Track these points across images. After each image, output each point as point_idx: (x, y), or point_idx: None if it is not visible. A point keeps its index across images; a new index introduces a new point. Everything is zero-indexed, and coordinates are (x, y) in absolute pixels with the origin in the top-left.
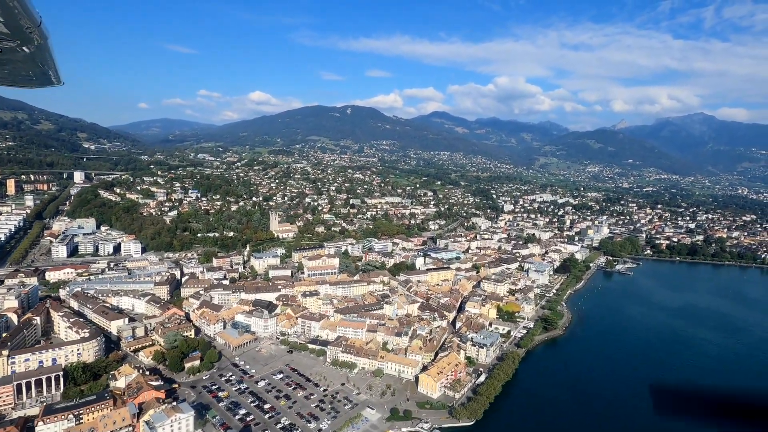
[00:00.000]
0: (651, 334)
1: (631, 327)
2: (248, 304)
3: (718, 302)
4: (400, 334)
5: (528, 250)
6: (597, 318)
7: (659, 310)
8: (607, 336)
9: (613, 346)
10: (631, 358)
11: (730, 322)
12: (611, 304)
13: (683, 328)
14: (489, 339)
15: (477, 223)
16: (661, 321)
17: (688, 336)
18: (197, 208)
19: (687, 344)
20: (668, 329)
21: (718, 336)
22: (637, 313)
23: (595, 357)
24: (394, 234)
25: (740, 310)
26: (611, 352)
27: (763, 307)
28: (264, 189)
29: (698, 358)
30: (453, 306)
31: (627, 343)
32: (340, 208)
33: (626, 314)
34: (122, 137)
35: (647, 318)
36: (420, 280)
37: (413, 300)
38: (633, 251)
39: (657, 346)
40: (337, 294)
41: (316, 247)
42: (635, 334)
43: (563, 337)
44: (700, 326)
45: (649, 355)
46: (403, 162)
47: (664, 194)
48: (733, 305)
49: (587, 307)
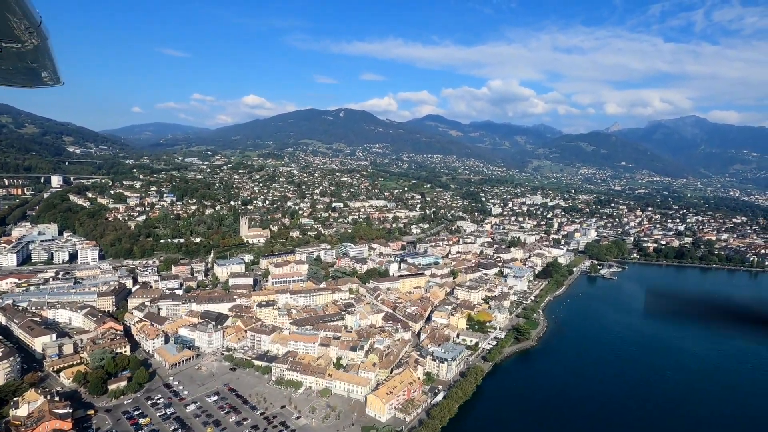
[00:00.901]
0: (629, 344)
1: (609, 336)
2: (198, 316)
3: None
4: (355, 348)
5: (510, 254)
6: (574, 326)
7: (640, 317)
8: (583, 346)
9: (588, 357)
10: (606, 370)
11: (712, 331)
12: (591, 311)
13: (664, 337)
14: (451, 353)
15: (462, 226)
16: (641, 330)
17: (668, 346)
18: (169, 212)
19: (666, 355)
20: (648, 339)
21: (698, 346)
22: (617, 321)
23: (567, 370)
24: (373, 238)
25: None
26: (585, 365)
27: (747, 312)
28: (245, 193)
29: (677, 373)
30: (420, 315)
31: (603, 354)
32: (321, 212)
33: (605, 322)
34: (110, 141)
35: (627, 326)
36: (390, 287)
37: (379, 309)
38: (619, 255)
39: (635, 358)
40: (298, 304)
41: (286, 253)
42: (613, 344)
43: (536, 348)
44: (681, 335)
45: (626, 368)
46: (395, 165)
47: (655, 196)
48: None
49: (565, 314)
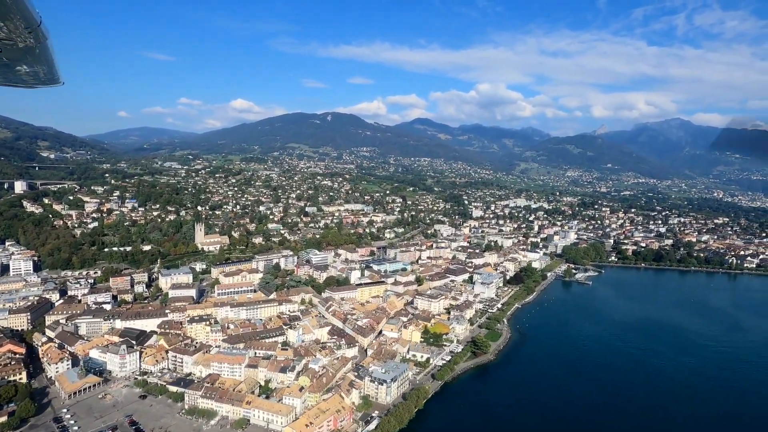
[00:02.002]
0: (596, 357)
1: (574, 348)
2: (119, 335)
3: (677, 315)
4: (286, 369)
5: (483, 259)
6: (539, 337)
7: (611, 325)
8: (545, 360)
9: (549, 372)
10: (567, 388)
11: (686, 339)
12: (559, 320)
13: (634, 348)
14: (392, 372)
15: (439, 230)
16: (611, 340)
17: (638, 359)
18: (125, 219)
19: (634, 371)
20: (617, 350)
21: (670, 357)
22: (585, 331)
23: (525, 389)
24: (341, 244)
25: (697, 323)
26: (546, 381)
27: (720, 319)
28: (217, 197)
29: (644, 389)
30: (372, 329)
31: (566, 368)
32: (293, 217)
33: (572, 332)
34: (90, 146)
35: (595, 337)
36: (346, 297)
37: (327, 322)
38: (597, 258)
39: (600, 373)
40: (239, 317)
41: (241, 261)
42: (578, 357)
43: (494, 362)
44: (653, 345)
45: (589, 385)
46: (381, 168)
47: (640, 198)
48: (691, 318)
49: (532, 323)
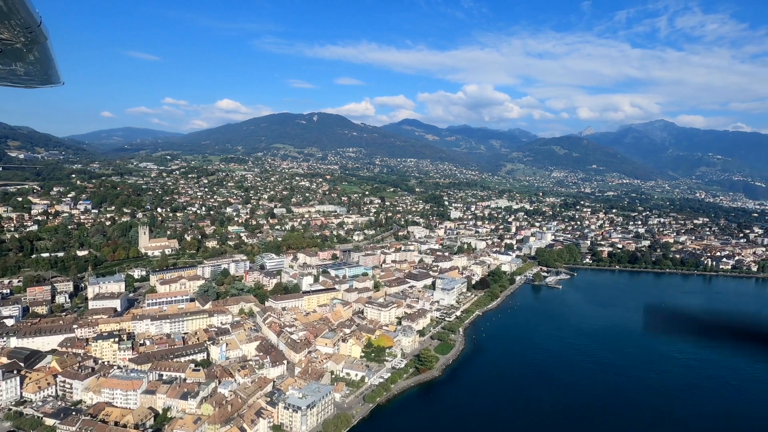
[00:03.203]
0: (554, 370)
1: (532, 361)
2: (6, 355)
3: (645, 321)
4: (188, 395)
5: (451, 262)
6: (495, 349)
7: (575, 334)
8: (497, 376)
9: (500, 390)
10: (518, 409)
11: (651, 350)
12: (520, 329)
13: (595, 360)
14: (311, 397)
15: (413, 232)
16: (571, 352)
17: (599, 373)
18: (71, 221)
19: (595, 387)
20: (576, 363)
21: (632, 372)
22: (547, 340)
23: (469, 411)
24: (304, 247)
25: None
26: (494, 402)
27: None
28: (184, 198)
29: (603, 409)
30: (308, 343)
31: (519, 386)
32: (259, 219)
33: (532, 342)
34: (66, 146)
35: (556, 346)
36: (289, 306)
37: (259, 336)
38: (571, 260)
39: (556, 390)
40: (162, 331)
41: (187, 267)
42: (534, 372)
43: (439, 380)
44: (616, 357)
45: (543, 405)
46: (366, 169)
47: (623, 198)
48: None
49: (490, 333)
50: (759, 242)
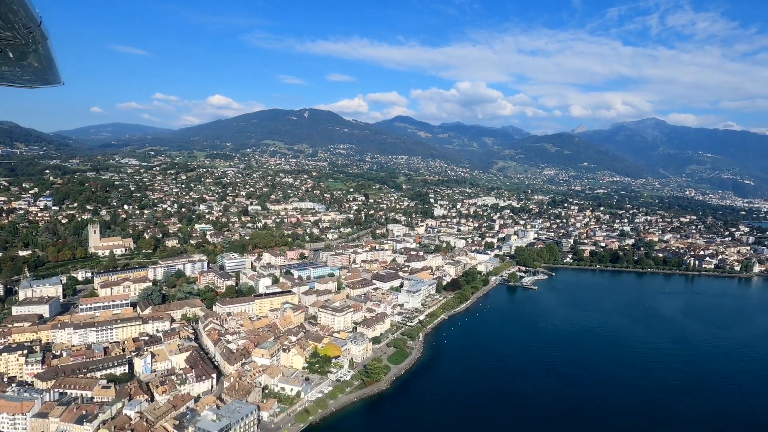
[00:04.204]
0: (515, 382)
1: (490, 371)
2: None
3: (620, 325)
4: (84, 418)
5: (424, 262)
6: (453, 358)
7: (544, 341)
8: (451, 389)
9: (451, 406)
10: (467, 429)
11: (623, 359)
12: (485, 334)
13: (563, 370)
14: (227, 419)
15: (393, 230)
16: (537, 360)
17: (564, 387)
18: (24, 219)
19: (557, 400)
20: (541, 374)
21: (597, 384)
22: (512, 347)
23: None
24: (272, 246)
25: (641, 336)
26: (443, 421)
27: (666, 329)
28: (158, 195)
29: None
30: (246, 353)
31: (473, 400)
32: (232, 216)
33: (495, 350)
34: (48, 141)
35: (521, 354)
36: (238, 311)
37: (190, 346)
38: (551, 259)
39: (513, 408)
40: (87, 340)
41: (138, 268)
42: (493, 384)
43: (386, 393)
44: (581, 367)
45: (493, 428)
46: (355, 166)
47: (613, 196)
48: (635, 330)
49: (453, 339)
50: (744, 241)
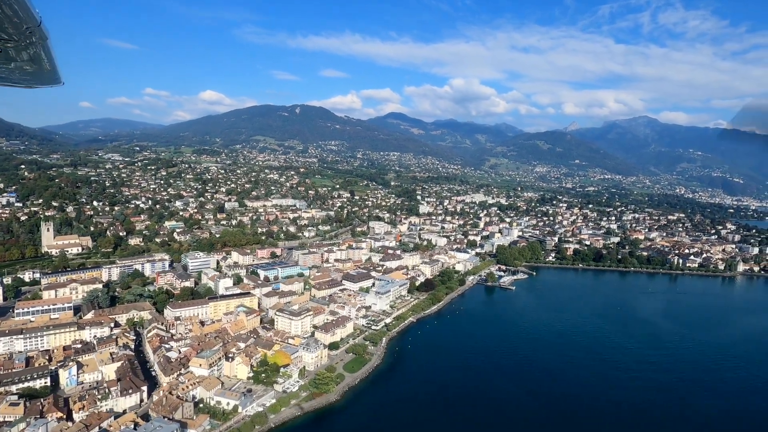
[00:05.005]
0: (474, 394)
1: (450, 380)
2: None
3: (595, 328)
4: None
5: (400, 261)
6: (414, 365)
7: (509, 349)
8: (407, 402)
9: (400, 421)
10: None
11: (593, 371)
12: (452, 338)
13: (529, 379)
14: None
15: (374, 227)
16: (503, 368)
17: (527, 398)
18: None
19: (519, 411)
20: (504, 384)
21: (561, 399)
22: (477, 354)
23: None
24: (242, 244)
25: (615, 340)
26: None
27: (643, 333)
28: (132, 191)
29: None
30: (188, 361)
31: (428, 414)
32: (207, 213)
33: (459, 356)
34: (30, 136)
35: (486, 361)
36: (184, 315)
37: (126, 355)
38: (533, 258)
39: (466, 424)
40: (14, 349)
41: (91, 268)
42: (450, 395)
43: (336, 406)
44: (552, 375)
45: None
46: (345, 162)
47: (603, 194)
48: (610, 333)
49: (418, 344)
50: (730, 239)
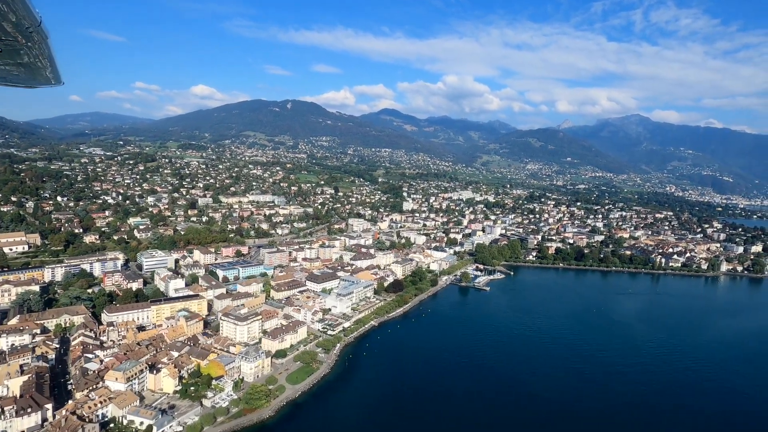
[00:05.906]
0: (428, 407)
1: (402, 394)
2: None
3: (569, 333)
4: None
5: (371, 260)
6: (369, 375)
7: (470, 357)
8: (349, 421)
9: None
10: None
11: (560, 381)
12: (413, 345)
13: (491, 392)
14: None
15: (353, 224)
16: (463, 377)
17: (487, 412)
18: None
19: (478, 421)
20: (462, 394)
21: (521, 410)
22: (435, 363)
23: None
24: (207, 242)
25: (587, 347)
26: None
27: (617, 338)
28: (105, 186)
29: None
30: (104, 375)
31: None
32: (177, 209)
33: (416, 365)
34: (11, 129)
35: (440, 373)
36: (121, 320)
37: (37, 367)
38: (512, 257)
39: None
40: None
41: (32, 268)
42: (402, 409)
43: (268, 423)
44: (517, 388)
45: None
46: (335, 158)
47: (593, 191)
48: (583, 339)
49: (374, 352)
50: (715, 237)
